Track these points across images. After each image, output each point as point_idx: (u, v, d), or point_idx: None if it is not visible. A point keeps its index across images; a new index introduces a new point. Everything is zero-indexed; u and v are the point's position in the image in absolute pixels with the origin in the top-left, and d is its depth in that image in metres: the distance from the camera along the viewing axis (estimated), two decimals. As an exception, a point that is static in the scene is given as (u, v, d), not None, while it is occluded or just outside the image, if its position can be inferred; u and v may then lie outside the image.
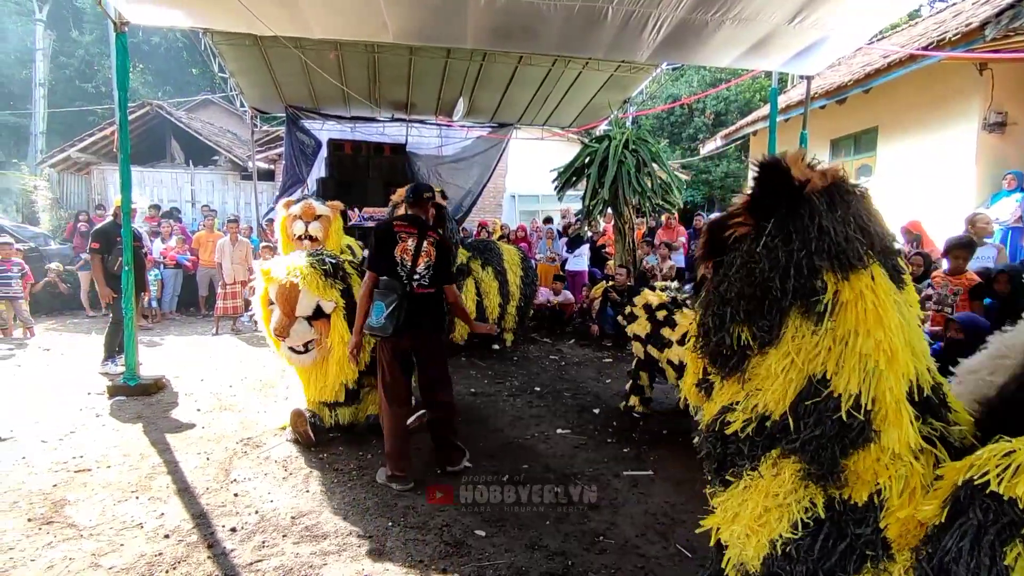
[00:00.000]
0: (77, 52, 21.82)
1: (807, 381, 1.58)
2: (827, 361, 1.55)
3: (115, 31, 4.73)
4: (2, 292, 7.13)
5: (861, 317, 1.51)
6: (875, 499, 1.49)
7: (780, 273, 1.56)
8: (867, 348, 1.50)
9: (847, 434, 1.51)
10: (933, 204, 6.91)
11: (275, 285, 3.66)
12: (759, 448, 1.69)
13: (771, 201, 1.63)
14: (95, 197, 12.68)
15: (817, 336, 1.56)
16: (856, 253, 1.53)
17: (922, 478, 1.45)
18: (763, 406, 1.66)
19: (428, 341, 3.34)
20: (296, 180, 9.86)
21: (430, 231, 3.33)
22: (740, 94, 18.44)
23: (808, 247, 1.54)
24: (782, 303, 1.58)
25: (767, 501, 1.63)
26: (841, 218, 1.55)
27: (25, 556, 2.53)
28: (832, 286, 1.54)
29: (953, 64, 6.66)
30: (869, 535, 1.47)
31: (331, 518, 2.92)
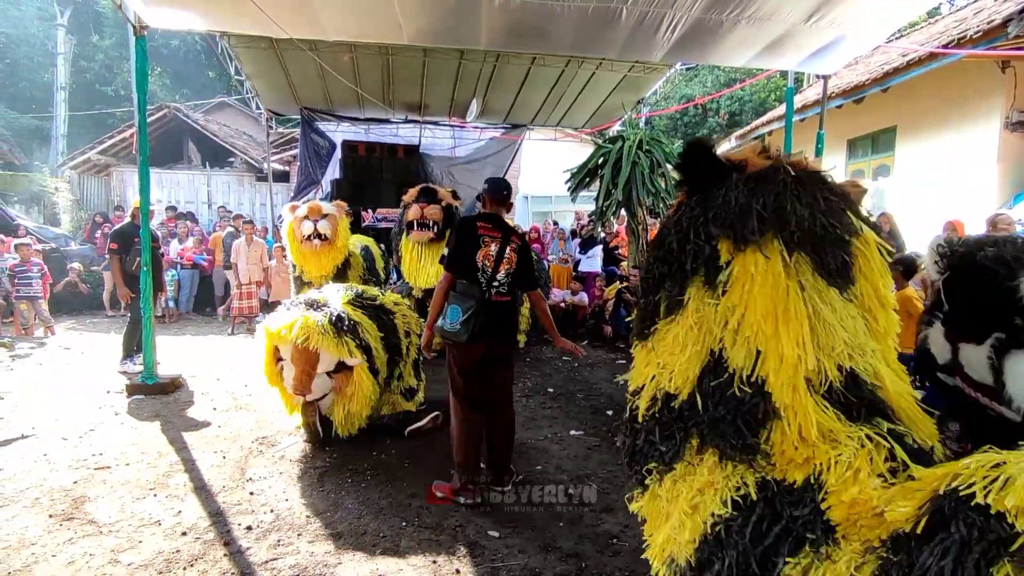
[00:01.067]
0: (97, 56, 22.22)
1: (709, 356, 1.58)
2: (724, 335, 1.55)
3: (134, 35, 4.80)
4: (23, 292, 7.26)
5: (747, 293, 1.52)
6: (812, 480, 1.42)
7: (680, 237, 1.65)
8: (749, 324, 1.51)
9: (744, 410, 1.50)
10: (954, 205, 6.79)
11: (286, 345, 3.51)
12: (672, 434, 1.65)
13: (693, 177, 1.70)
14: (114, 198, 12.90)
15: (714, 308, 1.58)
16: (751, 227, 1.53)
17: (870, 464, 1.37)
18: (669, 383, 1.66)
19: (502, 349, 3.23)
20: (310, 181, 9.96)
21: (514, 236, 3.19)
22: (755, 94, 18.29)
23: (707, 215, 1.60)
24: (684, 268, 1.64)
25: (698, 488, 1.59)
26: (751, 192, 1.56)
27: (47, 552, 2.57)
28: (726, 255, 1.56)
29: (974, 62, 6.55)
30: (807, 516, 1.39)
31: (345, 517, 2.93)
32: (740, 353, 1.53)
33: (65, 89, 18.77)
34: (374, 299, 4.13)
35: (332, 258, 5.78)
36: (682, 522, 1.61)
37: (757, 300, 1.51)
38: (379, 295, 4.27)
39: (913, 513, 1.24)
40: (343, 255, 5.89)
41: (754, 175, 1.60)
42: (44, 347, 6.69)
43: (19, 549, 2.58)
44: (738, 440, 1.51)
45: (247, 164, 13.60)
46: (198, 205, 13.15)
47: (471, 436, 3.17)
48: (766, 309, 1.50)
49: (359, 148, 10.45)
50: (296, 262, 5.91)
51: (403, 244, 5.87)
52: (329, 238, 5.64)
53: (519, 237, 3.24)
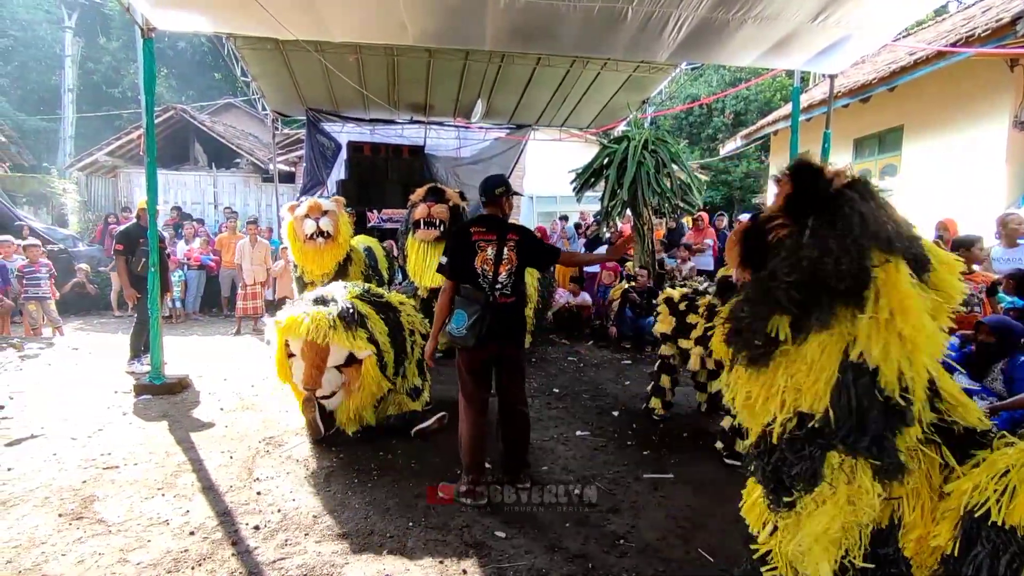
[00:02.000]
0: (104, 58, 22.37)
1: (847, 369, 1.57)
2: (868, 346, 1.54)
3: (142, 37, 4.82)
4: (32, 293, 7.30)
5: (898, 300, 1.52)
6: (894, 519, 1.48)
7: (833, 256, 1.57)
8: (906, 331, 1.51)
9: (892, 417, 1.50)
10: (962, 204, 6.75)
11: (297, 340, 3.52)
12: (807, 451, 1.64)
13: (808, 199, 1.67)
14: (121, 199, 12.97)
15: (860, 321, 1.56)
16: (894, 235, 1.57)
17: (930, 485, 1.43)
18: (802, 402, 1.64)
19: (510, 351, 3.22)
20: (316, 182, 9.99)
21: (511, 233, 3.17)
22: (760, 93, 18.24)
23: (853, 231, 1.57)
24: (830, 288, 1.59)
25: (847, 516, 1.57)
26: (873, 207, 1.61)
27: (56, 551, 2.59)
28: (879, 267, 1.56)
29: (982, 61, 6.51)
30: (892, 555, 1.46)
31: (352, 517, 2.94)
32: (894, 361, 1.51)
33: (73, 91, 18.93)
34: (380, 296, 4.15)
35: (335, 255, 5.79)
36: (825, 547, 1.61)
37: (908, 304, 1.52)
38: (384, 293, 4.28)
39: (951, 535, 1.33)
40: (345, 251, 5.90)
41: (859, 192, 1.62)
42: (53, 347, 6.73)
43: (29, 548, 2.60)
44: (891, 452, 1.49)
45: (253, 165, 13.66)
46: (204, 206, 13.21)
47: (478, 438, 3.17)
48: (918, 313, 1.52)
49: (364, 149, 10.48)
50: (298, 262, 5.90)
51: (409, 243, 5.88)
52: (332, 235, 5.66)
53: (516, 232, 3.19)
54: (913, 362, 1.50)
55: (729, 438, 3.70)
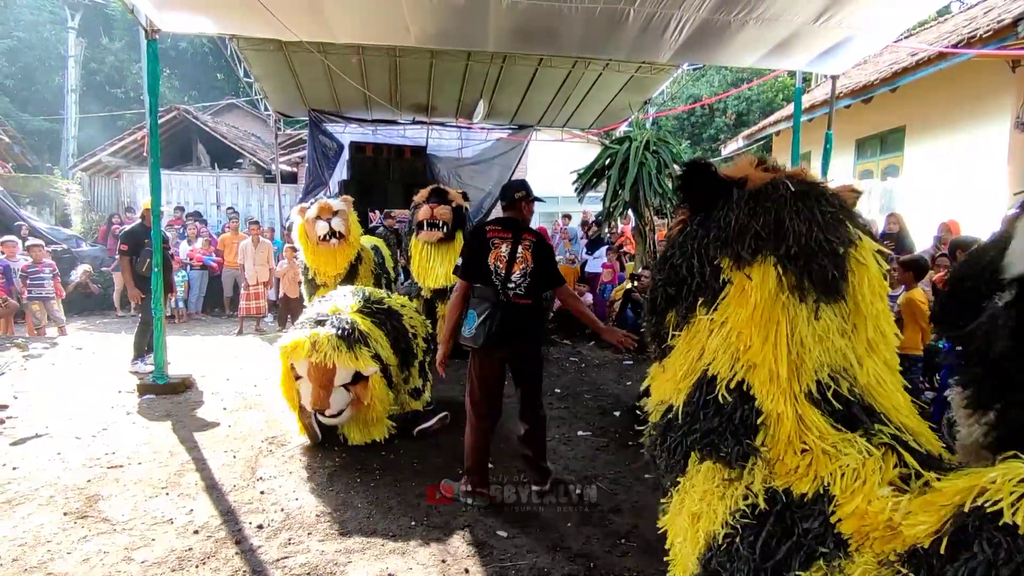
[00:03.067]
0: (107, 59, 22.42)
1: (702, 372, 1.63)
2: (715, 350, 1.60)
3: (146, 38, 4.85)
4: (35, 292, 7.33)
5: (738, 309, 1.57)
6: (821, 491, 1.41)
7: (685, 259, 1.69)
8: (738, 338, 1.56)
9: (736, 418, 1.54)
10: (963, 205, 6.75)
11: (302, 362, 3.51)
12: (673, 447, 1.70)
13: (695, 197, 1.74)
14: (124, 200, 12.99)
15: (708, 323, 1.63)
16: (748, 247, 1.56)
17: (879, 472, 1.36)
18: (666, 394, 1.74)
19: (525, 354, 3.14)
20: (318, 182, 10.02)
21: (526, 233, 3.10)
22: (762, 94, 18.23)
23: (709, 236, 1.64)
24: (691, 288, 1.68)
25: (702, 496, 1.60)
26: (751, 211, 1.59)
27: (62, 549, 2.61)
28: (727, 274, 1.60)
29: (984, 62, 6.50)
30: (818, 529, 1.38)
31: (355, 517, 2.95)
32: (727, 365, 1.58)
33: (76, 91, 18.94)
34: (381, 301, 4.15)
35: (347, 255, 5.83)
36: (686, 534, 1.63)
37: (746, 315, 1.55)
38: (386, 297, 4.29)
39: (933, 529, 1.20)
40: (356, 250, 5.94)
41: (754, 192, 1.63)
42: (56, 347, 6.76)
43: (35, 547, 2.62)
44: (733, 446, 1.53)
45: (255, 166, 13.67)
46: (207, 206, 13.22)
47: (481, 443, 3.16)
48: (755, 324, 1.54)
49: (366, 149, 10.51)
50: (310, 264, 5.91)
51: (412, 244, 5.90)
52: (345, 235, 5.69)
53: (533, 235, 3.13)
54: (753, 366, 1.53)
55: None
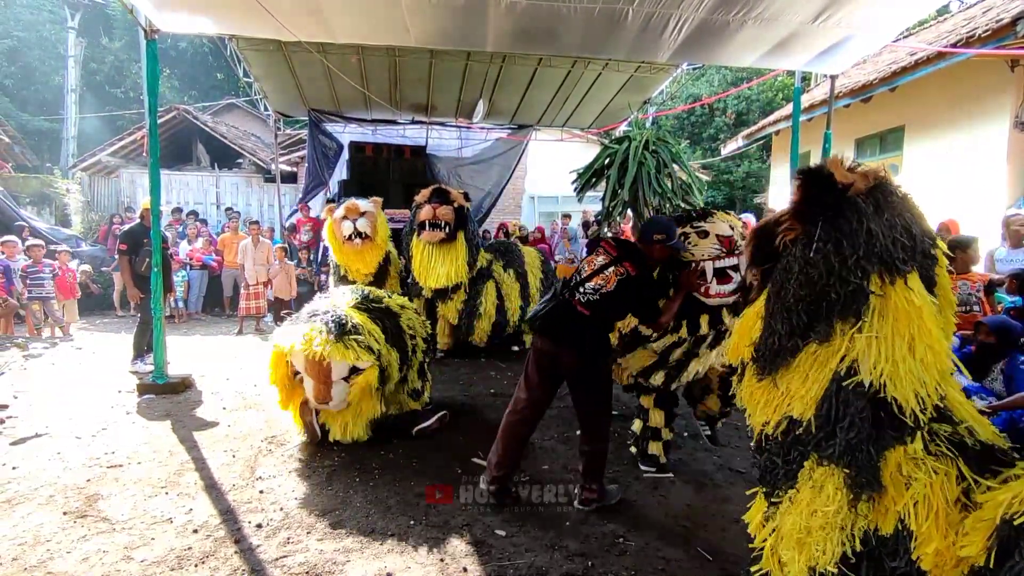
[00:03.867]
0: (107, 58, 22.44)
1: (835, 382, 1.58)
2: (863, 361, 1.55)
3: (145, 38, 4.86)
4: (35, 292, 7.35)
5: (906, 320, 1.52)
6: (901, 528, 1.44)
7: (836, 278, 1.59)
8: (919, 351, 1.51)
9: (883, 431, 1.51)
10: (963, 204, 6.76)
11: (297, 357, 3.53)
12: (792, 456, 1.68)
13: (816, 206, 1.66)
14: (124, 200, 13.01)
15: (852, 336, 1.57)
16: (901, 257, 1.54)
17: (944, 493, 1.38)
18: (792, 408, 1.67)
19: (567, 360, 3.00)
20: (318, 182, 10.02)
21: (628, 263, 3.01)
22: (761, 93, 18.24)
23: (857, 251, 1.56)
24: (832, 303, 1.61)
25: (809, 519, 1.60)
26: (888, 221, 1.57)
27: (61, 548, 2.61)
28: (879, 289, 1.55)
29: (983, 61, 6.51)
30: (904, 568, 1.41)
31: (354, 516, 2.96)
32: (894, 378, 1.52)
33: (75, 91, 18.96)
34: (380, 300, 4.14)
35: (375, 255, 5.91)
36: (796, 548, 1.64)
37: (915, 325, 1.52)
38: (386, 297, 4.28)
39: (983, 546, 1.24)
40: (384, 251, 6.00)
41: (872, 197, 1.59)
42: (56, 347, 6.77)
43: (34, 546, 2.63)
44: (867, 464, 1.51)
45: (255, 165, 13.69)
46: (206, 206, 13.24)
47: (505, 432, 3.13)
48: (927, 332, 1.51)
49: (366, 149, 10.49)
50: (340, 262, 6.02)
51: (414, 244, 5.90)
52: (370, 235, 5.72)
53: (636, 267, 3.01)
54: (926, 382, 1.51)
55: (641, 441, 3.64)
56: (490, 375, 5.78)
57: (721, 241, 3.11)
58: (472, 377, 5.68)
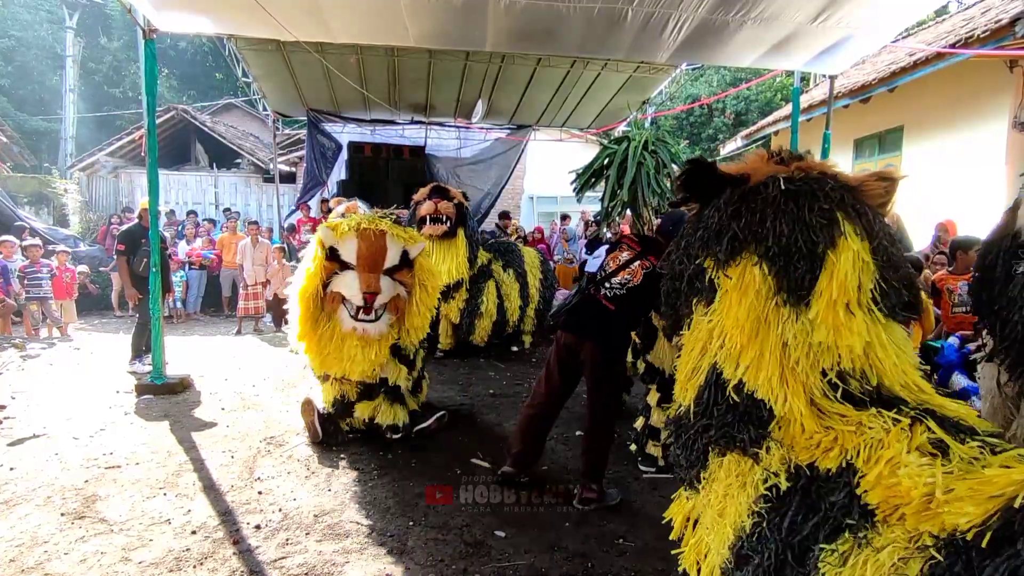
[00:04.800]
0: (105, 58, 22.40)
1: (708, 370, 1.64)
2: (717, 350, 1.61)
3: (144, 38, 4.84)
4: (33, 293, 7.32)
5: (726, 309, 1.58)
6: (844, 464, 1.39)
7: (679, 258, 1.74)
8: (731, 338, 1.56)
9: (749, 415, 1.54)
10: (962, 204, 6.76)
11: (348, 242, 3.40)
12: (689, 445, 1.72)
13: (694, 194, 1.76)
14: (122, 200, 12.98)
15: (706, 324, 1.63)
16: (725, 248, 1.57)
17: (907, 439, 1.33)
18: (680, 395, 1.75)
19: (589, 353, 3.07)
20: (316, 182, 10.01)
21: (653, 256, 3.06)
22: (761, 94, 18.25)
23: (694, 235, 1.67)
24: (684, 287, 1.71)
25: (725, 491, 1.61)
26: (734, 211, 1.59)
27: (59, 549, 2.60)
28: (711, 273, 1.62)
29: (982, 62, 6.51)
30: (843, 500, 1.36)
31: (353, 517, 2.95)
32: (729, 365, 1.58)
33: (74, 91, 18.92)
34: None
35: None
36: (713, 527, 1.63)
37: (733, 315, 1.55)
38: None
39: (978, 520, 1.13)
40: None
41: (745, 191, 1.63)
42: (54, 347, 6.75)
43: (32, 547, 2.62)
44: (750, 434, 1.54)
45: (254, 165, 13.66)
46: (205, 206, 13.22)
47: (519, 425, 3.27)
48: (741, 324, 1.54)
49: (365, 149, 10.49)
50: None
51: (414, 239, 5.90)
52: None
53: (657, 260, 3.06)
54: (749, 366, 1.53)
55: (642, 439, 3.67)
56: (489, 375, 5.77)
57: None
58: (471, 377, 5.67)
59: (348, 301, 3.47)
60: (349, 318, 3.48)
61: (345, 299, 3.47)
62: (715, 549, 1.64)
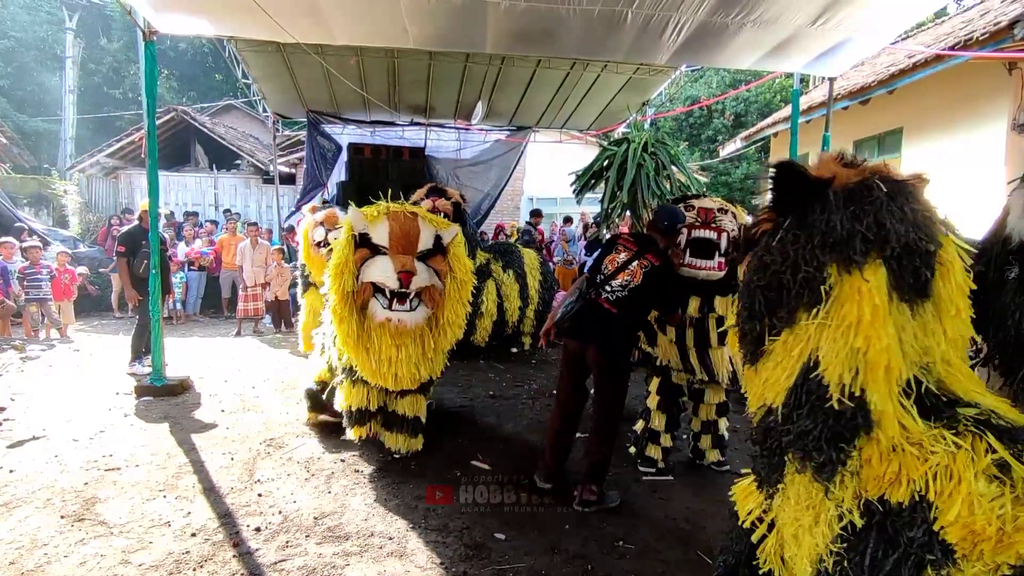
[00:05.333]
0: (105, 59, 22.41)
1: (801, 371, 1.61)
2: (819, 351, 1.57)
3: (144, 40, 4.84)
4: (32, 294, 7.32)
5: (850, 313, 1.54)
6: (917, 497, 1.40)
7: (788, 264, 1.64)
8: (852, 341, 1.53)
9: (837, 424, 1.52)
10: (961, 206, 6.75)
11: (380, 226, 3.26)
12: (768, 444, 1.70)
13: (786, 199, 1.70)
14: (122, 201, 12.99)
15: (812, 326, 1.60)
16: (858, 251, 1.55)
17: (972, 466, 1.33)
18: (766, 396, 1.71)
19: (594, 357, 3.10)
20: (316, 184, 10.00)
21: (651, 255, 3.13)
22: (760, 95, 18.28)
23: (813, 241, 1.60)
24: (792, 293, 1.64)
25: (796, 516, 1.60)
26: (853, 214, 1.58)
27: (59, 552, 2.60)
28: (833, 278, 1.58)
29: (981, 64, 6.52)
30: (922, 538, 1.36)
31: (353, 519, 2.95)
32: (838, 370, 1.53)
33: (74, 92, 18.93)
34: None
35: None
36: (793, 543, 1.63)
37: (863, 316, 1.52)
38: None
39: None
40: None
41: (849, 192, 1.61)
42: (54, 349, 6.75)
43: (32, 550, 2.61)
44: (822, 453, 1.52)
45: (253, 167, 13.67)
46: (205, 207, 13.23)
47: (548, 431, 3.31)
48: (874, 324, 1.51)
49: (365, 150, 10.48)
50: (305, 262, 5.97)
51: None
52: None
53: (658, 258, 3.14)
54: (866, 374, 1.51)
55: (642, 442, 3.67)
56: (489, 377, 5.77)
57: (700, 212, 3.29)
58: (471, 379, 5.68)
59: (381, 291, 3.25)
60: (382, 309, 3.24)
61: (377, 289, 3.25)
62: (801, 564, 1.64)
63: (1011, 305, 1.92)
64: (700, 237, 3.23)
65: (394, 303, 3.24)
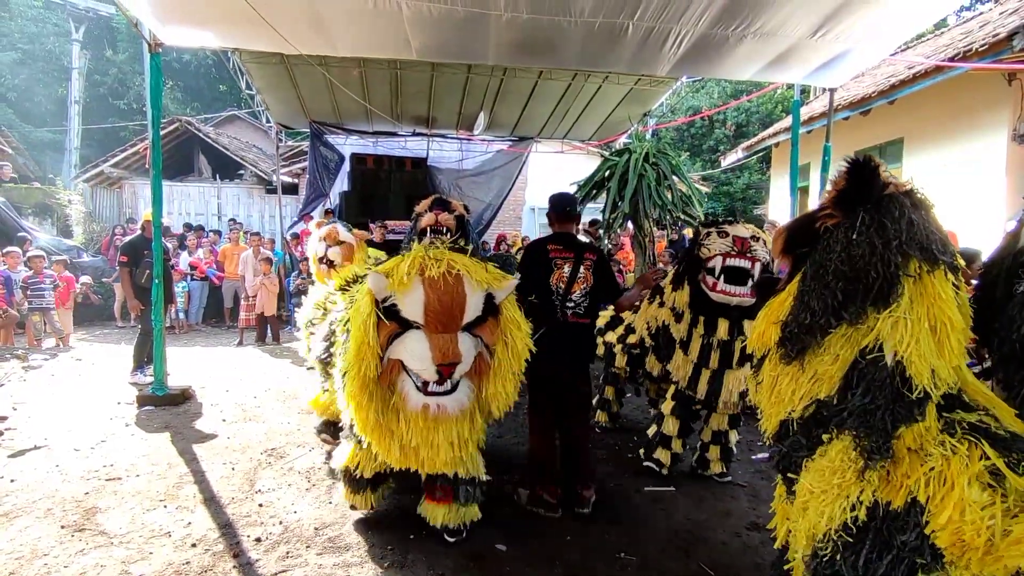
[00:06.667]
0: (111, 71, 22.61)
1: (863, 358, 1.63)
2: (887, 339, 1.58)
3: (149, 52, 4.90)
4: (35, 303, 7.34)
5: (937, 307, 1.58)
6: (911, 503, 1.42)
7: (878, 259, 1.64)
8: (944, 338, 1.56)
9: (901, 404, 1.52)
10: (962, 217, 6.77)
11: (412, 291, 2.43)
12: (815, 434, 1.70)
13: (859, 194, 1.73)
14: (126, 211, 13.06)
15: (885, 319, 1.61)
16: (938, 248, 1.62)
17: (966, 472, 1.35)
18: (820, 391, 1.71)
19: (570, 371, 3.14)
20: (319, 194, 10.06)
21: (587, 252, 3.16)
22: (761, 105, 18.36)
23: (900, 236, 1.64)
24: (872, 288, 1.65)
25: (816, 482, 1.62)
26: (924, 217, 1.68)
27: (59, 562, 2.59)
28: (912, 274, 1.62)
29: (981, 75, 6.56)
30: (914, 542, 1.39)
31: (353, 530, 2.94)
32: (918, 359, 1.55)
33: (79, 103, 19.08)
34: None
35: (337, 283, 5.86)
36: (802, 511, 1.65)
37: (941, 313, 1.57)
38: None
39: None
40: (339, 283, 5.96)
41: (909, 196, 1.71)
42: (56, 358, 6.76)
43: (32, 560, 2.61)
44: (880, 431, 1.53)
45: (257, 177, 13.75)
46: (208, 217, 13.30)
47: (534, 454, 3.26)
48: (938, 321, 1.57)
49: (367, 161, 10.56)
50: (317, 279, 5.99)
51: (415, 252, 5.91)
52: (335, 266, 5.65)
53: (593, 252, 3.20)
54: (939, 367, 1.55)
55: (652, 445, 3.70)
56: (490, 387, 5.76)
57: (735, 241, 3.25)
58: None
59: (413, 371, 2.51)
60: (416, 392, 2.50)
61: (408, 368, 2.52)
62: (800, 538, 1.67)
63: (1017, 319, 1.93)
64: (735, 266, 3.23)
65: (430, 384, 2.49)
